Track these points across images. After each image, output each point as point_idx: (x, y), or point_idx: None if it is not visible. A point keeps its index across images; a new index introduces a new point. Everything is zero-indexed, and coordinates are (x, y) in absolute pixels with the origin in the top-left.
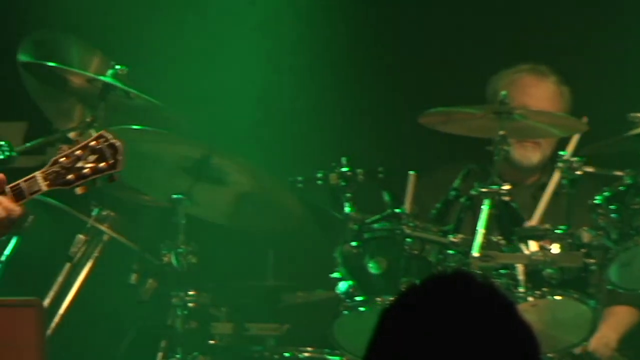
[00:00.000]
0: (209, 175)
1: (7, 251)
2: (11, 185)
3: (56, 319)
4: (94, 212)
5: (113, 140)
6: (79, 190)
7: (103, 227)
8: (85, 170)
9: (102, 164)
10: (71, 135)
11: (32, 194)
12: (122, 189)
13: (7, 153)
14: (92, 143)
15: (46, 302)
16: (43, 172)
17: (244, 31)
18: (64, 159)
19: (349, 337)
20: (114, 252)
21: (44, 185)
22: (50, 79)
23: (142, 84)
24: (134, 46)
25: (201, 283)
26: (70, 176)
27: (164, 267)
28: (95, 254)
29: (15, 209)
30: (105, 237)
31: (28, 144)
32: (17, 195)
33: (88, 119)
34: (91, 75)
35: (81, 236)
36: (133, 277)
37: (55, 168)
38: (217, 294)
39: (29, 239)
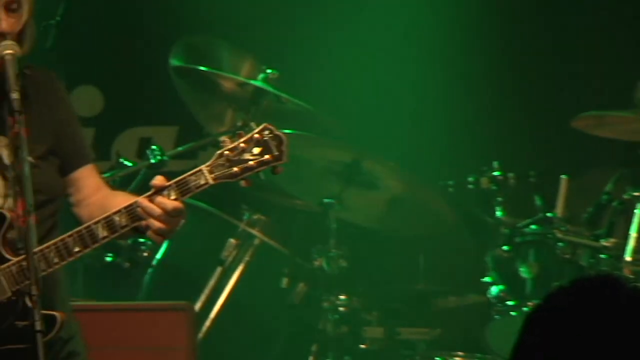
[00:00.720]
0: (360, 180)
1: (159, 255)
2: (177, 179)
3: (207, 322)
4: (246, 216)
5: (277, 132)
6: (243, 183)
7: (254, 231)
8: (250, 163)
9: (266, 156)
10: (222, 139)
11: (198, 187)
12: (273, 193)
13: (158, 157)
14: (257, 135)
15: (197, 306)
16: (208, 166)
17: (396, 36)
18: (228, 151)
19: (500, 342)
20: (265, 256)
21: (210, 179)
22: (202, 84)
23: (294, 87)
24: (285, 50)
25: (352, 287)
26: (235, 169)
27: (314, 271)
28: (247, 258)
29: (168, 203)
30: (256, 241)
31: (180, 148)
32: (183, 189)
33: (239, 123)
34: (242, 79)
35: (233, 240)
36: (284, 281)
37: (221, 161)
38: (368, 298)
39: (180, 243)
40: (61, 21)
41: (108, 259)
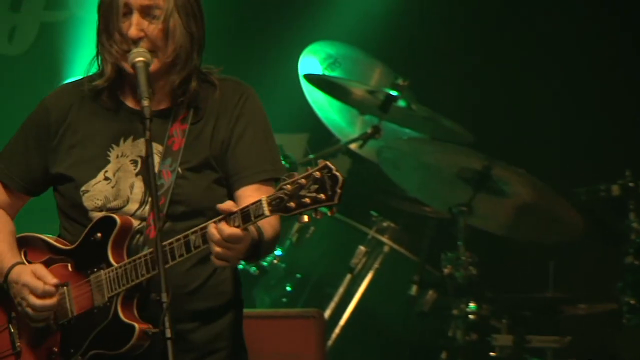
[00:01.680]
0: (490, 187)
1: (288, 263)
2: (242, 207)
3: (337, 329)
4: (375, 224)
5: (335, 172)
6: (305, 219)
7: (384, 239)
8: (305, 200)
9: (321, 195)
10: (352, 146)
11: (256, 217)
12: (402, 200)
13: (289, 164)
14: (316, 173)
15: (327, 313)
16: (269, 197)
17: (529, 44)
18: (289, 185)
19: (632, 350)
20: (394, 263)
21: (266, 210)
22: (332, 91)
23: (424, 95)
24: (416, 58)
25: (481, 295)
26: (291, 203)
27: (444, 279)
28: (376, 265)
29: (226, 230)
30: (385, 249)
31: (310, 155)
32: (245, 218)
33: (369, 131)
34: (373, 87)
35: (362, 247)
36: (413, 289)
37: (280, 194)
38: (498, 305)
39: (310, 250)
40: None
41: (239, 266)
